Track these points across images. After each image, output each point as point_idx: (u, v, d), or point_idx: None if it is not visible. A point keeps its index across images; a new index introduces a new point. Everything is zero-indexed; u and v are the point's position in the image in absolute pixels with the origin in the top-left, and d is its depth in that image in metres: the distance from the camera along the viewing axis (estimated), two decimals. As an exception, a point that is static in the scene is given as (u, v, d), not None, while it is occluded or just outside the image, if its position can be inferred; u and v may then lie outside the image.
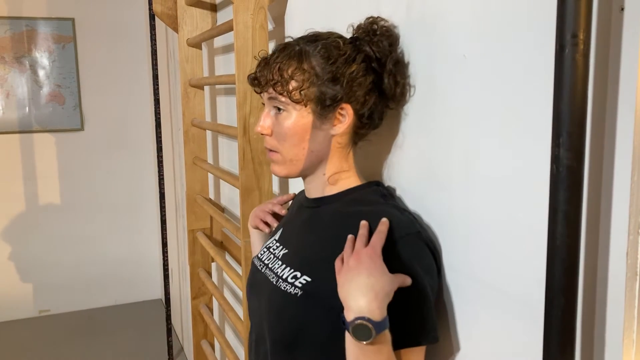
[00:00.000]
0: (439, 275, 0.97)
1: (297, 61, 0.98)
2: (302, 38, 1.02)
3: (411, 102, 1.05)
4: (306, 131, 1.00)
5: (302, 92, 0.97)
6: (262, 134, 1.04)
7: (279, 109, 1.01)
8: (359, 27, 1.05)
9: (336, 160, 1.04)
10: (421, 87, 1.02)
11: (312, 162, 1.03)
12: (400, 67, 1.03)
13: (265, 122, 1.03)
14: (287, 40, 1.04)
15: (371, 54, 1.00)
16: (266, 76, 1.00)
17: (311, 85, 0.97)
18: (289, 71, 0.98)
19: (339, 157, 1.04)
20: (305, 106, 0.98)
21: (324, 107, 0.98)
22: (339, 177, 1.04)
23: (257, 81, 1.03)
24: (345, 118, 1.00)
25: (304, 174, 1.06)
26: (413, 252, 0.90)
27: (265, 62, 1.01)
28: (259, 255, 1.15)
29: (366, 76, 0.99)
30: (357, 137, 1.05)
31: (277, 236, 1.15)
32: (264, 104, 1.05)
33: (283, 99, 0.99)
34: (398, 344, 0.89)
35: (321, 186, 1.05)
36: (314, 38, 1.01)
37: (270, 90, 1.00)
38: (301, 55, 0.98)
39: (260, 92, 1.04)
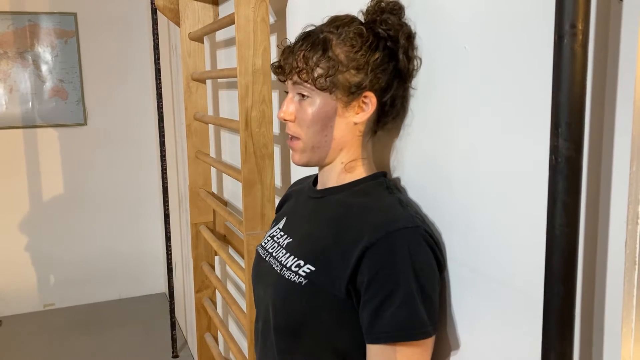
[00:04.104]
0: (441, 271, 0.97)
1: (322, 49, 0.98)
2: (324, 25, 1.02)
3: (412, 93, 1.05)
4: (329, 118, 1.00)
5: (327, 79, 0.97)
6: (284, 120, 1.04)
7: (303, 96, 1.01)
8: (367, 11, 1.05)
9: (355, 149, 1.04)
10: (422, 79, 1.02)
11: (334, 149, 1.03)
12: (412, 40, 1.02)
13: (288, 108, 1.03)
14: (309, 28, 1.04)
15: (383, 34, 1.00)
16: (291, 64, 1.00)
17: (336, 73, 0.97)
18: (314, 59, 0.98)
19: (357, 146, 1.04)
20: (331, 93, 0.99)
21: (349, 95, 0.98)
22: (355, 164, 1.05)
23: (281, 69, 1.03)
24: (368, 106, 1.00)
25: (324, 163, 1.06)
26: (408, 246, 0.90)
27: (289, 50, 1.02)
28: (263, 244, 1.16)
29: (389, 63, 1.00)
30: (377, 126, 1.06)
31: (281, 225, 1.15)
32: (286, 92, 1.05)
33: (308, 85, 0.99)
34: (372, 340, 0.91)
35: (336, 174, 1.06)
36: (336, 25, 1.00)
37: (296, 77, 1.00)
38: (326, 43, 0.98)
39: (285, 80, 1.04)
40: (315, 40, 0.99)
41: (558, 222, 0.65)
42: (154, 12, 3.05)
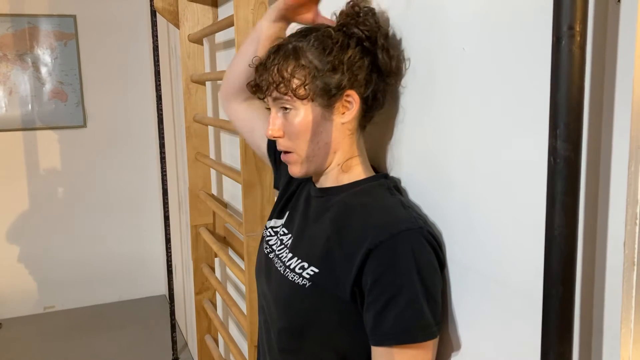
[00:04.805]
0: (443, 272, 0.97)
1: (294, 59, 0.98)
2: (292, 35, 1.03)
3: (410, 95, 1.05)
4: (317, 125, 1.00)
5: (306, 87, 0.97)
6: (274, 137, 1.03)
7: (286, 109, 1.01)
8: (342, 13, 1.05)
9: (348, 148, 1.04)
10: (421, 79, 1.02)
11: (327, 154, 1.03)
12: (390, 40, 1.03)
13: (275, 124, 1.03)
14: (277, 42, 1.04)
15: (361, 34, 1.00)
16: (267, 80, 1.00)
17: (314, 79, 0.97)
18: (289, 70, 0.98)
19: (349, 144, 1.04)
20: (312, 100, 0.99)
21: (331, 97, 0.98)
22: (350, 163, 1.05)
23: (258, 87, 1.03)
24: (352, 105, 1.01)
25: (322, 169, 1.06)
26: (411, 247, 0.90)
27: (263, 67, 1.01)
28: (267, 238, 1.17)
29: (364, 58, 1.00)
30: (364, 121, 1.06)
31: (284, 220, 1.16)
32: (268, 109, 1.05)
33: (288, 97, 0.99)
34: (377, 342, 0.91)
35: (334, 175, 1.06)
36: (304, 33, 1.01)
37: (274, 92, 1.00)
38: (297, 52, 0.98)
39: (264, 98, 1.04)
40: (286, 52, 0.99)
41: (557, 223, 0.65)
42: (153, 14, 3.05)
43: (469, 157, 0.91)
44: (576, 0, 0.61)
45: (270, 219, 1.22)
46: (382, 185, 1.03)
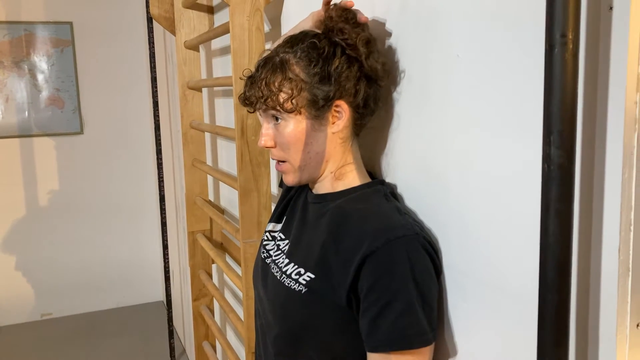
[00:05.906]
0: (439, 278, 0.97)
1: (281, 72, 0.98)
2: (279, 46, 1.03)
3: (406, 101, 1.05)
4: (307, 135, 1.01)
5: (293, 100, 0.98)
6: (266, 147, 1.04)
7: (277, 118, 1.02)
8: (323, 20, 1.05)
9: (340, 156, 1.05)
10: (415, 86, 1.02)
11: (319, 163, 1.04)
12: (372, 44, 1.02)
13: (266, 135, 1.04)
14: (266, 53, 1.05)
15: (342, 43, 1.00)
16: (255, 94, 1.01)
17: (301, 91, 0.98)
18: (276, 84, 0.98)
19: (342, 151, 1.05)
20: (300, 113, 0.99)
21: (319, 109, 0.99)
22: (344, 170, 1.05)
23: (247, 101, 1.03)
24: (341, 114, 1.01)
25: (315, 178, 1.07)
26: (407, 254, 0.91)
27: (251, 81, 1.02)
28: (264, 242, 1.18)
29: (351, 67, 0.99)
30: (357, 129, 1.06)
31: (280, 226, 1.17)
32: (260, 115, 1.06)
33: (276, 111, 1.00)
34: (372, 348, 0.91)
35: (329, 182, 1.06)
36: (290, 44, 1.01)
37: (263, 106, 1.01)
38: (283, 65, 0.99)
39: (254, 111, 1.05)
40: (273, 65, 1.00)
41: (551, 230, 0.66)
42: (149, 20, 3.06)
43: (464, 163, 0.92)
44: (568, 8, 0.61)
45: (270, 221, 1.23)
46: (378, 192, 1.04)
